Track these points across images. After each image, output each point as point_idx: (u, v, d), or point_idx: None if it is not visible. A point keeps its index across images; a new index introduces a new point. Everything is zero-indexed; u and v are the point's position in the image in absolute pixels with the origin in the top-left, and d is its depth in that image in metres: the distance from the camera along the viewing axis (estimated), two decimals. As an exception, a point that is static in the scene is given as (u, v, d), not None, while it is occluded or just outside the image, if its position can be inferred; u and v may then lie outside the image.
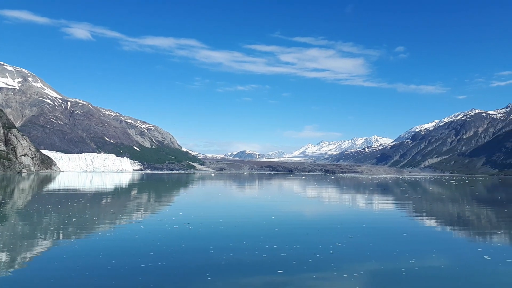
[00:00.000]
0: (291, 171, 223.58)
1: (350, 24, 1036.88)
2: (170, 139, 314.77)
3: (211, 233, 15.05)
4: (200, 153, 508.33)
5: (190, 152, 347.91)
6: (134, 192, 40.26)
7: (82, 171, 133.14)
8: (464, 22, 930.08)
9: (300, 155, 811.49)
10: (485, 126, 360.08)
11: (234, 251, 11.88)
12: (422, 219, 21.20)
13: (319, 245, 12.89)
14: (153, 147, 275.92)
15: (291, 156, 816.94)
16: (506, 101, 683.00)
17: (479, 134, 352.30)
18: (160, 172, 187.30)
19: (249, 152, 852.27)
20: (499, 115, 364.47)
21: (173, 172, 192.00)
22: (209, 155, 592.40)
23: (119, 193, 36.96)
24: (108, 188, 43.79)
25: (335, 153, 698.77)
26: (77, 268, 9.77)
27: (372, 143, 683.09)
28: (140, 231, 15.04)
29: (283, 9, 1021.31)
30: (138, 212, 21.56)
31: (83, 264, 10.11)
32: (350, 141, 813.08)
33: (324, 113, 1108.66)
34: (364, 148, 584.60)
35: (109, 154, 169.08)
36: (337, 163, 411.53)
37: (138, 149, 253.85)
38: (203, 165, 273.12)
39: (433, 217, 21.82)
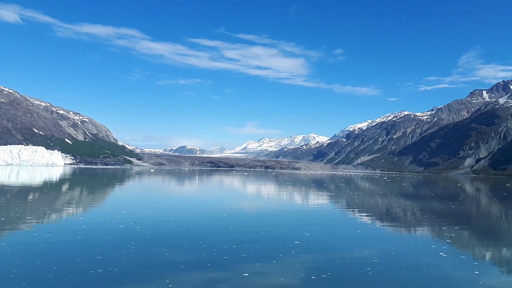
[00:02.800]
0: (233, 167, 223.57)
1: (293, 24, 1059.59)
2: (106, 132, 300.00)
3: (162, 232, 14.08)
4: (137, 148, 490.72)
5: (127, 146, 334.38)
6: (68, 188, 37.33)
7: (7, 165, 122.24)
8: (396, 29, 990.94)
9: (242, 151, 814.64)
10: (413, 127, 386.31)
11: (192, 252, 11.09)
12: (371, 215, 21.66)
13: (279, 244, 12.50)
14: (87, 140, 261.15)
15: (232, 152, 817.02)
16: (432, 104, 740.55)
17: (407, 135, 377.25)
18: (94, 166, 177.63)
19: (190, 148, 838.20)
20: (425, 117, 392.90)
21: (108, 167, 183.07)
22: (147, 150, 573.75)
23: (52, 189, 34.03)
24: (38, 183, 40.25)
25: (275, 149, 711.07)
26: (11, 277, 8.43)
27: (310, 140, 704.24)
28: (83, 232, 13.65)
29: (228, 5, 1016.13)
30: (77, 211, 19.78)
31: (18, 273, 8.75)
32: (289, 138, 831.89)
33: (265, 110, 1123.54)
34: (302, 145, 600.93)
35: (38, 147, 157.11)
36: (277, 159, 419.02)
37: (70, 142, 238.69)
38: (141, 160, 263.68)
39: (381, 214, 22.44)
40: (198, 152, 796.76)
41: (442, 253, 11.77)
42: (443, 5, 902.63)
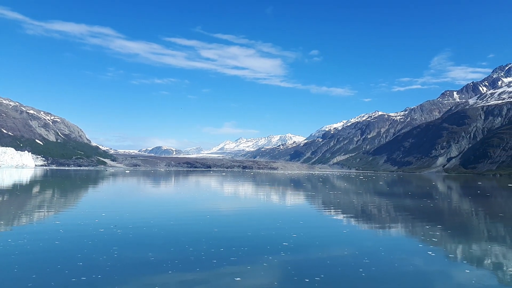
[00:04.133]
0: (210, 167, 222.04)
1: (270, 25, 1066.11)
2: (78, 133, 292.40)
3: (145, 236, 13.59)
4: (111, 148, 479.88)
5: (100, 147, 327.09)
6: (41, 190, 35.92)
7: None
8: (370, 31, 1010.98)
9: (219, 151, 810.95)
10: (387, 127, 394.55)
11: (179, 256, 10.69)
12: (354, 215, 21.67)
13: (267, 245, 12.25)
14: (59, 141, 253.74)
15: (209, 152, 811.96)
16: (405, 104, 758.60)
17: (381, 134, 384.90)
18: (66, 168, 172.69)
19: (165, 148, 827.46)
20: (398, 117, 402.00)
21: (81, 168, 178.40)
22: (121, 151, 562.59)
23: (23, 192, 32.64)
24: (7, 186, 38.58)
25: (252, 149, 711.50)
26: (-13, 288, 7.85)
27: (287, 140, 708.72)
28: (61, 237, 13.00)
29: (205, 5, 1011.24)
30: (52, 215, 18.94)
31: (-6, 283, 8.17)
32: (266, 138, 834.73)
33: (242, 110, 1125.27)
34: (279, 145, 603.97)
35: (7, 148, 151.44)
36: (254, 159, 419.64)
37: (41, 143, 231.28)
38: (115, 161, 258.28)
39: (363, 213, 22.50)
40: (174, 153, 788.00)
41: (430, 252, 11.81)
42: (416, 9, 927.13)
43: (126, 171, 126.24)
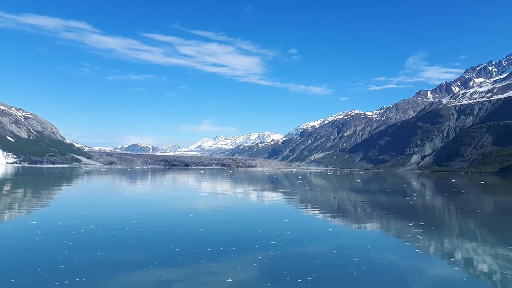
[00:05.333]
0: (188, 165, 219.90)
1: (249, 23, 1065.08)
2: (52, 130, 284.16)
3: (128, 236, 13.15)
4: (86, 146, 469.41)
5: (75, 144, 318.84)
6: (13, 189, 34.54)
7: None
8: (348, 31, 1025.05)
9: (197, 149, 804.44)
10: (363, 125, 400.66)
11: (165, 257, 10.35)
12: (337, 212, 21.68)
13: (255, 245, 12.05)
14: (31, 137, 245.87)
15: (187, 150, 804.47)
16: (380, 103, 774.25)
17: (357, 133, 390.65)
18: (39, 165, 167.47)
19: (142, 146, 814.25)
20: (374, 116, 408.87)
21: (55, 166, 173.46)
22: (96, 148, 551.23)
23: (-5, 191, 31.29)
24: (-21, 185, 36.95)
25: (230, 147, 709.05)
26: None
27: (265, 138, 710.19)
28: (39, 238, 12.43)
29: (184, 0, 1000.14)
30: (28, 214, 18.18)
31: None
32: (245, 136, 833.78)
33: (221, 108, 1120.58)
34: (257, 143, 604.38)
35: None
36: (233, 157, 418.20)
37: (12, 140, 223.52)
38: (90, 158, 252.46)
39: (346, 211, 22.57)
40: (151, 150, 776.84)
41: (418, 250, 11.89)
42: (392, 10, 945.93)
43: (102, 169, 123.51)
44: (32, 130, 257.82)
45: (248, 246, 11.88)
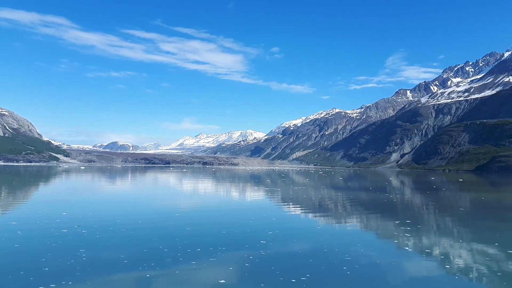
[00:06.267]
0: (169, 163, 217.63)
1: (231, 20, 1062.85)
2: (28, 127, 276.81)
3: (114, 237, 12.79)
4: (64, 144, 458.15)
5: (52, 142, 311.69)
6: (-10, 188, 33.35)
7: None
8: (329, 30, 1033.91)
9: (178, 147, 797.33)
10: (344, 123, 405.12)
11: (154, 259, 10.07)
12: (323, 210, 21.73)
13: (245, 244, 11.89)
14: (7, 135, 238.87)
15: (168, 148, 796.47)
16: (361, 102, 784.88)
17: (338, 131, 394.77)
18: (15, 164, 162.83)
19: (121, 144, 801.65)
20: (355, 114, 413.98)
21: (32, 164, 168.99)
22: (75, 146, 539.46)
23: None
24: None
25: (212, 145, 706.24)
26: None
27: (247, 136, 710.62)
28: (20, 239, 11.95)
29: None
30: (6, 214, 17.53)
31: None
32: (227, 134, 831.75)
33: (203, 105, 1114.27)
34: (240, 141, 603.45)
35: None
36: (215, 155, 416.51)
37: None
38: (69, 156, 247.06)
39: (332, 208, 22.62)
40: (131, 148, 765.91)
41: (407, 248, 11.96)
42: (373, 10, 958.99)
43: (81, 167, 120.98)
44: (7, 128, 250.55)
45: (238, 246, 11.70)
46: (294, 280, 8.51)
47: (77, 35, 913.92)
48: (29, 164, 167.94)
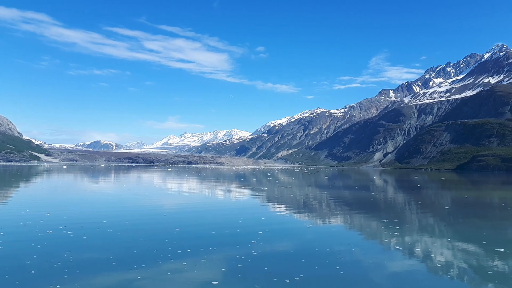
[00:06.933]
0: (153, 163, 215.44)
1: (217, 19, 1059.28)
2: (8, 125, 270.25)
3: (101, 238, 12.51)
4: (45, 143, 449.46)
5: (33, 141, 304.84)
6: (-32, 188, 32.34)
7: None
8: (314, 30, 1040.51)
9: (162, 146, 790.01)
10: (328, 123, 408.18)
11: (145, 260, 9.86)
12: (312, 209, 21.74)
13: (236, 245, 11.77)
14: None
15: (152, 147, 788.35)
16: (345, 102, 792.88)
17: (323, 130, 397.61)
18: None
19: (104, 143, 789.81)
20: (339, 114, 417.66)
21: (12, 163, 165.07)
22: (56, 145, 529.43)
23: None
24: None
25: (197, 144, 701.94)
26: None
27: (232, 135, 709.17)
28: (2, 241, 11.60)
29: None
30: (-12, 215, 16.97)
31: None
32: (212, 133, 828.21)
33: (187, 104, 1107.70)
34: (225, 141, 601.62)
35: None
36: (200, 154, 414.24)
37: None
38: (50, 156, 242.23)
39: (319, 207, 22.67)
40: (114, 148, 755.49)
41: (398, 247, 12.02)
42: (357, 11, 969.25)
43: (63, 167, 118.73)
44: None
45: (229, 246, 11.58)
46: (288, 281, 8.44)
47: (58, 32, 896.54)
48: (9, 163, 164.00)
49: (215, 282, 8.26)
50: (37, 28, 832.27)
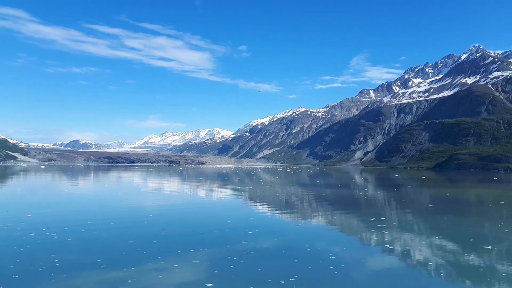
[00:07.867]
0: (134, 162, 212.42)
1: (199, 17, 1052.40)
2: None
3: (86, 239, 12.15)
4: (22, 142, 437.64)
5: (9, 140, 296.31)
6: None
7: None
8: (295, 30, 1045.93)
9: (143, 145, 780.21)
10: (310, 122, 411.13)
11: (134, 262, 9.60)
12: (298, 208, 21.73)
13: (227, 245, 11.60)
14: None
15: (132, 146, 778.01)
16: (326, 101, 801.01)
17: (304, 129, 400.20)
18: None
19: (83, 142, 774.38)
20: (320, 113, 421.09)
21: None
22: (34, 144, 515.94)
23: None
24: None
25: (179, 144, 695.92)
26: None
27: (215, 134, 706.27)
28: (-17, 245, 11.09)
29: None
30: (-36, 218, 16.29)
31: None
32: (193, 132, 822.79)
33: (169, 103, 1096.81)
34: (207, 140, 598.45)
35: None
36: (182, 154, 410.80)
37: None
38: (27, 155, 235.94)
39: (306, 206, 22.68)
40: (93, 147, 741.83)
41: (388, 245, 12.08)
42: (338, 11, 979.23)
43: (41, 167, 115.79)
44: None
45: (219, 247, 11.40)
46: (283, 282, 8.34)
47: (36, 29, 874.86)
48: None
49: (209, 284, 8.09)
50: (14, 24, 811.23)
